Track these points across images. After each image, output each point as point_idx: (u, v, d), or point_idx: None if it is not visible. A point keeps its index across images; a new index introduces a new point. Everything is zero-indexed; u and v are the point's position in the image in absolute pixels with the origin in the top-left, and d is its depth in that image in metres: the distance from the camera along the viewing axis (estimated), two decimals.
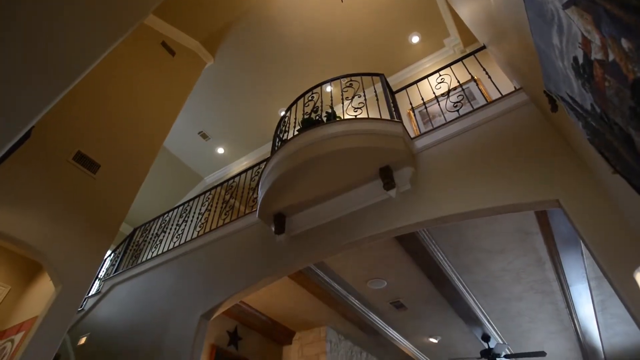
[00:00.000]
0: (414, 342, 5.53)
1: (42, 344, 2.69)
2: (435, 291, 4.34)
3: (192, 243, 4.36)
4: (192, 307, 3.62)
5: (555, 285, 4.30)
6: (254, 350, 4.64)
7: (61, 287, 3.00)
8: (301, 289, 4.15)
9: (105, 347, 4.25)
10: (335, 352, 4.90)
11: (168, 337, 3.59)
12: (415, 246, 3.54)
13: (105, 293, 5.11)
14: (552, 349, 5.79)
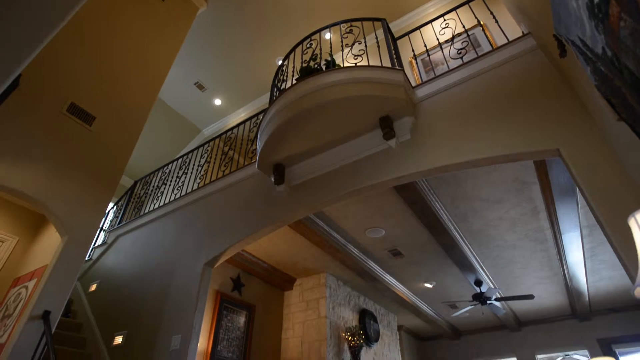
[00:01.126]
0: (409, 287, 5.80)
1: (54, 289, 2.81)
2: (431, 239, 4.47)
3: (192, 195, 4.41)
4: (196, 255, 3.75)
5: (549, 233, 4.42)
6: (256, 295, 4.88)
7: (67, 238, 3.08)
8: (301, 237, 4.27)
9: (115, 293, 4.46)
10: (334, 297, 5.16)
11: (174, 283, 3.75)
12: (413, 196, 3.59)
13: (111, 244, 5.28)
14: (540, 292, 6.09)
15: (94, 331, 4.28)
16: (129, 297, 4.19)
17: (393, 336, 6.51)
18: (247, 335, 4.45)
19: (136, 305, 3.99)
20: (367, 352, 5.50)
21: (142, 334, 3.66)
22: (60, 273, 2.90)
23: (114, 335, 3.97)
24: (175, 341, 3.25)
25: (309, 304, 5.04)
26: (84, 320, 4.59)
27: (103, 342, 4.04)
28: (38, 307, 2.69)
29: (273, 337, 4.90)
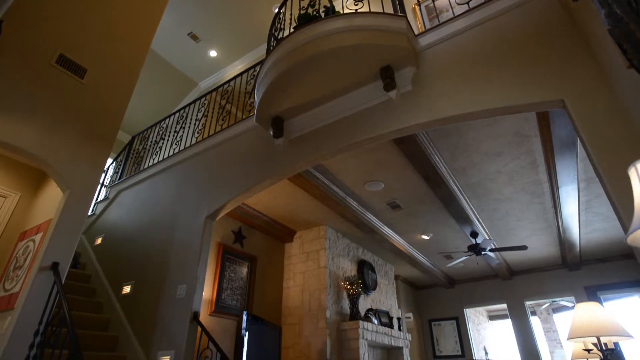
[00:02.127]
0: (407, 239, 5.96)
1: (60, 242, 2.88)
2: (430, 192, 4.52)
3: (191, 149, 4.39)
4: (197, 209, 3.81)
5: (546, 186, 4.46)
6: (258, 247, 5.02)
7: (69, 192, 3.10)
8: (301, 191, 4.31)
9: (120, 246, 4.59)
10: (333, 248, 5.32)
11: (177, 236, 3.84)
12: (413, 149, 3.58)
13: (113, 199, 5.34)
14: (533, 243, 6.27)
15: (102, 282, 4.46)
16: (134, 250, 4.32)
17: (390, 285, 6.80)
18: (250, 285, 4.64)
19: (141, 257, 4.12)
20: (365, 299, 5.77)
21: (148, 284, 3.81)
22: (64, 226, 2.96)
23: (122, 285, 4.13)
24: (181, 290, 3.39)
25: (309, 255, 5.21)
26: (92, 271, 4.76)
27: (112, 292, 4.22)
28: (46, 259, 2.78)
29: (275, 286, 5.12)
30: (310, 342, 4.61)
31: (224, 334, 4.10)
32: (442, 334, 8.29)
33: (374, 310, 5.53)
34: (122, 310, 3.92)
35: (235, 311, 4.27)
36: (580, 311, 2.94)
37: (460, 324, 8.18)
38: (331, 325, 4.69)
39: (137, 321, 3.67)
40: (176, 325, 3.24)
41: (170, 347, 3.17)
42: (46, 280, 2.69)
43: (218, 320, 4.10)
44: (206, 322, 3.93)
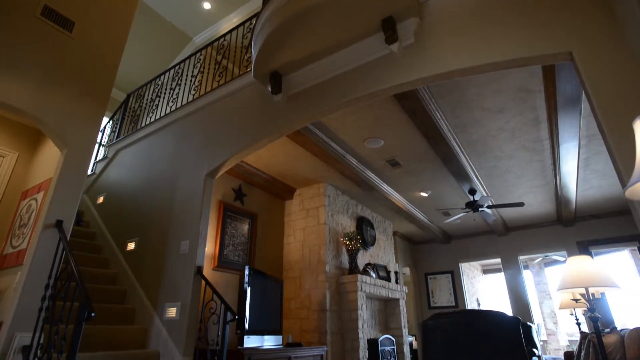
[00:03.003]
0: (405, 196, 6.03)
1: (62, 200, 2.91)
2: (430, 150, 4.51)
3: (188, 107, 4.31)
4: (197, 167, 3.81)
5: (547, 143, 4.44)
6: (258, 205, 5.08)
7: (66, 151, 3.08)
8: (300, 148, 4.29)
9: (122, 205, 4.64)
10: (333, 205, 5.39)
11: (178, 194, 3.88)
12: (414, 105, 3.51)
13: (112, 158, 5.32)
14: (530, 200, 6.36)
15: (107, 239, 4.56)
16: (135, 208, 4.37)
17: (388, 240, 6.98)
18: (251, 241, 4.75)
19: (144, 215, 4.18)
20: (364, 254, 5.94)
21: (152, 240, 3.90)
22: (65, 185, 2.97)
23: (127, 242, 4.23)
24: (184, 246, 3.48)
25: (309, 212, 5.29)
26: (96, 229, 4.85)
27: (117, 248, 4.33)
28: (50, 217, 2.81)
29: (275, 242, 5.25)
30: (310, 294, 4.81)
31: (227, 288, 4.26)
32: (438, 286, 8.64)
33: (372, 265, 5.71)
34: (128, 266, 4.04)
35: (237, 266, 4.41)
36: (571, 264, 3.03)
37: (455, 277, 8.50)
38: (330, 279, 4.87)
39: (143, 276, 3.80)
40: (181, 279, 3.36)
41: (177, 299, 3.30)
42: (52, 237, 2.75)
43: (221, 274, 4.25)
44: (210, 276, 4.07)
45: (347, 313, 4.83)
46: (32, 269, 2.58)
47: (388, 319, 6.12)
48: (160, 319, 3.36)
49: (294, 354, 3.74)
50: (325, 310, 4.61)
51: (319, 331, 4.56)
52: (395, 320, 6.05)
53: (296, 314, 4.84)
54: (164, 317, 3.34)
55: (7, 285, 3.01)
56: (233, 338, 3.82)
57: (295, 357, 3.74)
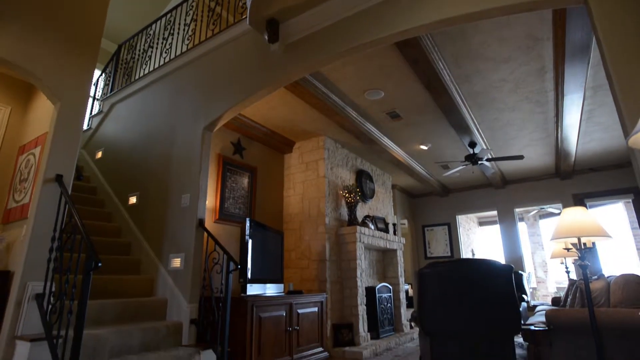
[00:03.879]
0: (405, 149, 6.01)
1: (60, 154, 2.89)
2: (431, 101, 4.42)
3: (182, 57, 4.16)
4: (194, 120, 3.75)
5: (551, 95, 4.34)
6: (257, 158, 5.07)
7: (60, 104, 3.01)
8: (299, 100, 4.20)
9: (121, 160, 4.63)
10: (332, 159, 5.39)
11: (176, 148, 3.85)
12: (416, 54, 3.38)
13: (107, 112, 5.22)
14: (529, 153, 6.35)
15: (109, 193, 4.60)
16: (135, 162, 4.37)
17: (387, 193, 7.06)
18: (251, 194, 4.80)
19: (144, 169, 4.19)
20: (363, 207, 6.04)
21: (153, 194, 3.94)
22: (62, 139, 2.93)
23: (128, 196, 4.28)
24: (185, 199, 3.52)
25: (308, 165, 5.29)
26: (97, 184, 4.88)
27: (119, 202, 4.38)
28: (49, 172, 2.81)
29: (275, 195, 5.31)
30: (310, 245, 4.95)
31: (229, 239, 4.38)
32: (434, 238, 8.88)
33: (371, 217, 5.82)
34: (131, 219, 4.12)
35: (238, 218, 4.50)
36: (566, 214, 3.09)
37: (451, 229, 8.71)
38: (330, 230, 4.99)
39: (147, 228, 3.88)
40: (183, 232, 3.43)
41: (180, 250, 3.40)
42: (53, 191, 2.76)
43: (223, 226, 4.34)
44: (211, 228, 4.16)
45: (346, 263, 5.01)
46: (37, 223, 2.62)
47: (386, 268, 6.36)
48: (166, 269, 3.48)
49: (295, 300, 3.92)
50: (325, 260, 4.77)
51: (318, 280, 4.75)
52: (392, 270, 6.28)
53: (296, 263, 5.01)
54: (169, 267, 3.46)
55: (14, 238, 3.09)
56: (236, 286, 3.99)
57: (296, 303, 3.93)
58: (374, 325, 5.20)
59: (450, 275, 2.71)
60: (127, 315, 3.07)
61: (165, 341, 2.99)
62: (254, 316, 3.34)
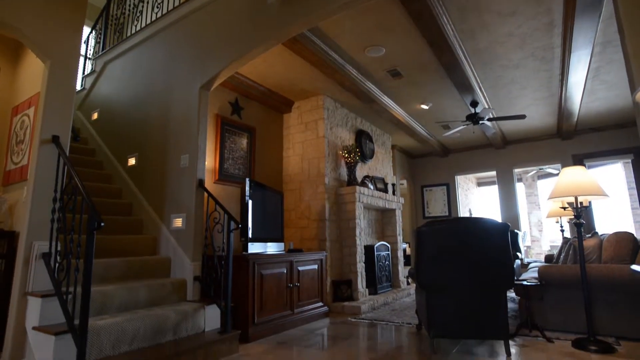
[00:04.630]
0: (406, 108, 5.91)
1: (55, 115, 2.84)
2: (433, 59, 4.28)
3: (175, 12, 3.97)
4: (190, 79, 3.65)
5: (558, 52, 4.20)
6: (256, 118, 5.00)
7: (50, 62, 2.91)
8: (297, 57, 4.07)
9: (117, 120, 4.56)
10: (332, 118, 5.31)
11: (173, 108, 3.78)
12: (419, 7, 3.23)
13: (101, 71, 5.07)
14: (531, 113, 6.26)
15: (107, 155, 4.58)
16: (132, 123, 4.31)
17: (386, 154, 7.04)
18: (251, 155, 4.78)
19: (141, 130, 4.14)
20: (362, 167, 6.05)
21: (152, 155, 3.92)
22: (55, 98, 2.87)
23: (127, 158, 4.26)
24: (184, 160, 3.51)
25: (308, 125, 5.23)
26: (95, 146, 4.84)
27: (119, 164, 4.37)
28: (45, 133, 2.77)
29: (275, 155, 5.29)
30: (310, 205, 5.01)
31: (229, 200, 4.42)
32: (433, 198, 8.98)
33: (370, 177, 5.85)
34: (131, 180, 4.13)
35: (238, 179, 4.51)
36: (565, 173, 3.10)
37: (450, 189, 8.78)
38: (329, 190, 5.03)
39: (147, 189, 3.90)
40: (184, 192, 3.45)
41: (181, 210, 3.44)
42: (50, 152, 2.74)
43: (223, 187, 4.36)
44: (212, 189, 4.19)
45: (346, 222, 5.09)
46: (37, 184, 2.62)
47: (384, 228, 6.49)
48: (168, 229, 3.54)
49: (296, 258, 4.03)
50: (325, 220, 4.85)
51: (318, 239, 4.86)
52: (391, 229, 6.41)
53: (296, 223, 5.10)
54: (170, 227, 3.51)
55: (16, 200, 3.11)
56: (237, 245, 4.08)
57: (296, 261, 4.04)
58: (372, 281, 5.39)
59: (448, 233, 2.76)
60: (132, 273, 3.17)
61: (171, 297, 3.10)
62: (256, 273, 3.45)
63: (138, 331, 2.50)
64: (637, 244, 3.33)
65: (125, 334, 2.42)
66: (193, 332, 2.88)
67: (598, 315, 3.19)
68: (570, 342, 3.04)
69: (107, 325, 2.34)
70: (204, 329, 2.99)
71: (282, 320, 3.68)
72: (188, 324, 2.85)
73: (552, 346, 2.94)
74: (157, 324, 2.63)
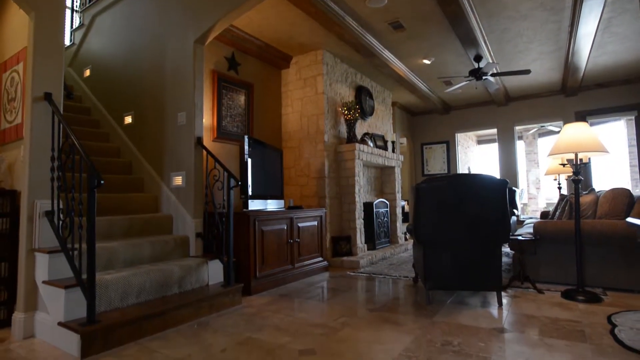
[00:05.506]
0: (407, 63, 5.73)
1: (45, 70, 2.75)
2: (437, 9, 4.08)
3: None
4: (184, 32, 3.50)
5: (569, 1, 4.00)
6: (253, 74, 4.86)
7: (34, 14, 2.77)
8: (295, 9, 3.88)
9: (111, 77, 4.43)
10: (331, 74, 5.17)
11: (168, 63, 3.66)
12: None
13: (89, 25, 4.85)
14: (536, 68, 6.08)
15: (103, 113, 4.50)
16: (126, 80, 4.19)
17: (387, 111, 6.93)
18: (249, 112, 4.70)
19: (136, 87, 4.03)
20: (362, 124, 5.97)
21: (148, 113, 3.86)
22: (43, 53, 2.76)
23: (123, 116, 4.19)
24: (182, 117, 3.45)
25: (306, 81, 5.10)
26: (90, 104, 4.74)
27: (115, 122, 4.31)
28: (37, 90, 2.70)
29: (273, 113, 5.21)
30: (309, 162, 5.00)
31: (228, 158, 4.41)
32: (432, 156, 8.97)
33: (370, 135, 5.80)
34: (128, 139, 4.09)
35: (236, 137, 4.47)
36: (567, 130, 3.06)
37: (450, 147, 8.75)
38: (329, 148, 5.00)
39: (146, 148, 3.87)
40: (182, 150, 3.43)
41: (181, 168, 3.44)
42: (44, 110, 2.69)
43: (221, 145, 4.33)
44: (210, 147, 4.16)
45: (345, 179, 5.12)
46: (33, 143, 2.60)
47: (383, 185, 6.54)
48: (168, 187, 3.56)
49: (296, 215, 4.10)
50: (324, 177, 4.87)
51: (318, 196, 4.91)
52: (390, 186, 6.46)
53: (296, 180, 5.13)
54: (171, 185, 3.53)
55: (14, 159, 3.09)
56: (238, 202, 4.13)
57: (296, 217, 4.11)
58: (370, 237, 5.52)
59: (446, 189, 2.78)
60: (135, 231, 3.23)
61: (174, 252, 3.19)
62: (257, 229, 3.52)
63: (144, 285, 2.59)
64: (633, 199, 3.37)
65: (132, 288, 2.51)
66: (197, 286, 2.99)
67: (588, 268, 3.30)
68: (559, 293, 3.17)
69: (114, 279, 2.42)
70: (208, 282, 3.10)
71: (283, 274, 3.81)
72: (192, 278, 2.96)
73: (542, 297, 3.07)
74: (163, 278, 2.72)
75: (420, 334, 2.29)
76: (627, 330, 2.24)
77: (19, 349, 2.20)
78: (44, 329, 2.33)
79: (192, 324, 2.58)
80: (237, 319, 2.68)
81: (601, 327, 2.33)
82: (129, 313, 2.31)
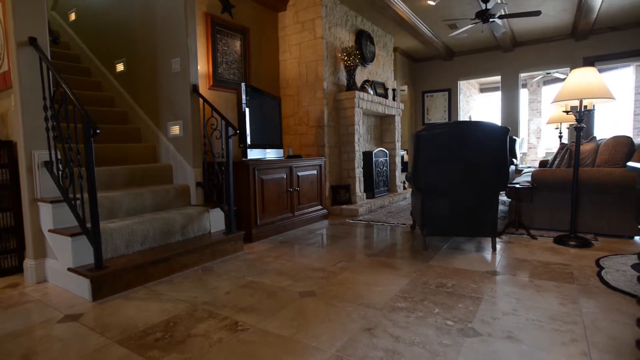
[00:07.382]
0: (411, 5, 5.41)
1: (25, 13, 2.59)
2: None
3: None
4: None
5: None
6: (249, 17, 4.60)
7: None
8: None
9: (98, 21, 4.21)
10: (330, 17, 4.90)
11: (158, 5, 3.45)
12: None
13: None
14: (547, 10, 5.76)
15: (93, 61, 4.33)
16: (115, 24, 3.98)
17: (388, 57, 6.68)
18: (245, 59, 4.53)
19: (126, 32, 3.84)
20: (362, 71, 5.78)
21: (141, 60, 3.71)
22: None
23: (115, 63, 4.04)
24: (176, 64, 3.33)
25: (304, 25, 4.85)
26: (79, 51, 4.55)
27: (107, 70, 4.16)
28: (20, 34, 2.57)
29: (271, 59, 5.01)
30: (308, 111, 4.91)
31: (225, 106, 4.31)
32: (434, 104, 8.80)
33: (370, 82, 5.63)
34: (122, 88, 3.97)
35: (233, 84, 4.34)
36: (574, 75, 2.97)
37: (452, 95, 8.55)
38: (328, 96, 4.88)
39: (140, 97, 3.78)
40: (178, 99, 3.35)
41: (178, 117, 3.38)
42: (31, 56, 2.57)
43: (218, 93, 4.22)
44: (207, 95, 4.06)
45: (344, 128, 5.06)
46: (23, 92, 2.52)
47: (383, 134, 6.48)
48: (166, 137, 3.52)
49: (295, 164, 4.10)
50: (323, 126, 4.81)
51: (317, 145, 4.88)
52: (389, 135, 6.40)
53: (295, 129, 5.07)
54: (168, 134, 3.49)
55: (6, 109, 3.02)
56: (237, 152, 4.11)
57: (296, 166, 4.11)
58: (369, 186, 5.58)
59: (447, 137, 2.76)
60: (135, 181, 3.25)
61: (175, 201, 3.23)
62: (256, 178, 3.54)
63: (148, 232, 2.65)
64: (633, 147, 3.35)
65: (136, 235, 2.58)
66: (200, 233, 3.07)
67: (582, 215, 3.37)
68: (552, 238, 3.27)
69: (118, 227, 2.48)
70: (210, 230, 3.18)
71: (283, 222, 3.90)
72: (194, 226, 3.02)
73: (535, 242, 3.17)
74: (165, 226, 2.78)
75: (416, 276, 2.39)
76: (613, 272, 2.34)
77: (34, 292, 2.30)
78: (55, 274, 2.43)
79: (197, 269, 2.69)
80: (239, 264, 2.79)
81: (589, 269, 2.43)
82: (134, 259, 2.40)
